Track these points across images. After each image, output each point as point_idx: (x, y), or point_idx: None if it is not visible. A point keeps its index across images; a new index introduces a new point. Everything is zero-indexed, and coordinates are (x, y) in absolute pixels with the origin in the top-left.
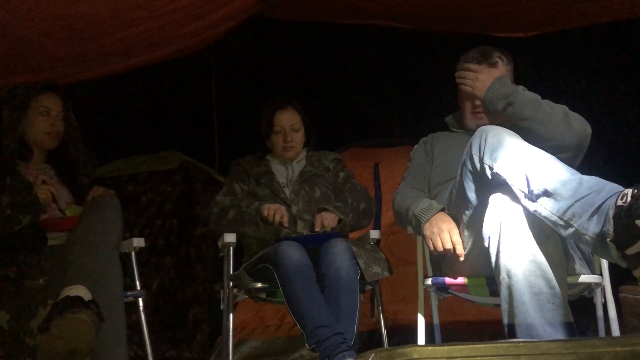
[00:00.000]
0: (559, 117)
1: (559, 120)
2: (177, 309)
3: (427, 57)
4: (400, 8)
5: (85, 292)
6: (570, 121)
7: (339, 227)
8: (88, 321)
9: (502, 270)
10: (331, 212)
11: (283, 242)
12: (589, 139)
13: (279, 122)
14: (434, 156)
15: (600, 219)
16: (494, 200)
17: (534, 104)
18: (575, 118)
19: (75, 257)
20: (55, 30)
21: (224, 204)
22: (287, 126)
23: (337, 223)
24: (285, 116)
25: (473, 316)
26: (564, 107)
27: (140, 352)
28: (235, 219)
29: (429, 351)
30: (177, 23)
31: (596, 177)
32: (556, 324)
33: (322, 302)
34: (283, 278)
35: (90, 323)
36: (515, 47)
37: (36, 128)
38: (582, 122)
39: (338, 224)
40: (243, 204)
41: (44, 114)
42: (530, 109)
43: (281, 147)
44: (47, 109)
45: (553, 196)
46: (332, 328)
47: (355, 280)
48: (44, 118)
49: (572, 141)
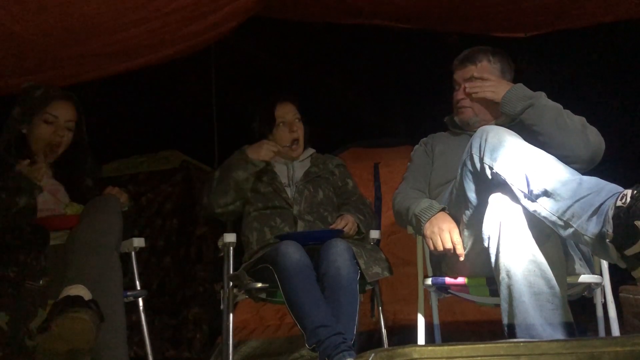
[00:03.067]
0: (578, 128)
1: (577, 131)
2: (177, 309)
3: (427, 57)
4: (400, 8)
5: (86, 292)
6: (587, 133)
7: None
8: (88, 321)
9: (502, 270)
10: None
11: (283, 242)
12: (602, 154)
13: (281, 114)
14: (434, 157)
15: (600, 220)
16: (494, 200)
17: (556, 111)
18: (593, 132)
19: (76, 257)
20: (57, 31)
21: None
22: (290, 116)
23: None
24: (287, 108)
25: (473, 316)
26: (583, 119)
27: (140, 352)
28: (222, 174)
29: (429, 351)
30: (177, 24)
31: (596, 177)
32: (556, 324)
33: (322, 302)
34: (283, 278)
35: (91, 322)
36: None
37: (38, 135)
38: (599, 137)
39: (356, 235)
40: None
41: (49, 122)
42: (551, 115)
43: (288, 138)
44: (54, 117)
45: (553, 196)
46: (332, 328)
47: (355, 280)
48: (48, 126)
49: (586, 154)
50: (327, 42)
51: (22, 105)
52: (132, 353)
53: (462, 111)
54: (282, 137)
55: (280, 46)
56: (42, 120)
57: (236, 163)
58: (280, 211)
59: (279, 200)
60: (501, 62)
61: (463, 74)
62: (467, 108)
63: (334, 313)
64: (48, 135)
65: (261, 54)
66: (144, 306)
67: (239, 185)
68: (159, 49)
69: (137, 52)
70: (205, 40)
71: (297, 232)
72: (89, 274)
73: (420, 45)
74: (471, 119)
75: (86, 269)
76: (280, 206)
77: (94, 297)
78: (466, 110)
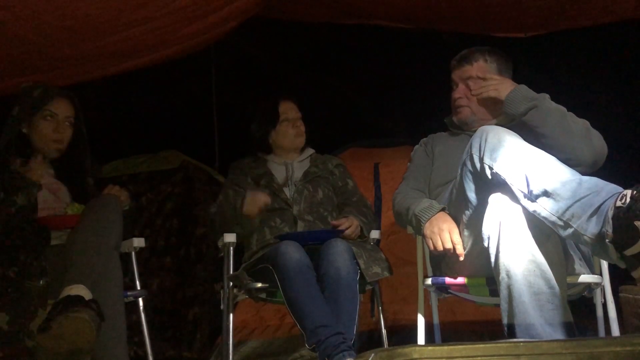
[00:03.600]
0: (581, 132)
1: (581, 135)
2: (177, 309)
3: (427, 57)
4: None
5: (86, 292)
6: (591, 137)
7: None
8: (89, 320)
9: (502, 270)
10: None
11: (283, 242)
12: (604, 158)
13: (285, 111)
14: (434, 157)
15: (600, 220)
16: (494, 200)
17: (560, 113)
18: (596, 135)
19: (76, 257)
20: (57, 31)
21: (212, 210)
22: (293, 113)
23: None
24: (290, 106)
25: (473, 316)
26: (586, 123)
27: (140, 352)
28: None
29: (429, 351)
30: (177, 24)
31: (596, 177)
32: (556, 324)
33: (322, 302)
34: (283, 278)
35: (91, 322)
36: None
37: (40, 132)
38: (602, 141)
39: (358, 238)
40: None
41: (49, 119)
42: (555, 117)
43: (293, 133)
44: (54, 114)
45: (552, 196)
46: (332, 328)
47: (355, 281)
48: (49, 123)
49: (589, 158)
50: (327, 42)
51: (22, 104)
52: (132, 353)
53: (459, 111)
54: (285, 133)
55: (280, 46)
56: (42, 117)
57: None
58: (280, 212)
59: (278, 202)
60: (498, 62)
61: (460, 74)
62: (464, 107)
63: (333, 313)
64: (50, 132)
65: (261, 54)
66: (144, 306)
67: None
68: (159, 48)
69: (137, 52)
70: (205, 40)
71: (297, 232)
72: (89, 274)
73: (420, 45)
74: (469, 118)
75: (87, 269)
76: (280, 207)
77: (95, 297)
78: (464, 110)
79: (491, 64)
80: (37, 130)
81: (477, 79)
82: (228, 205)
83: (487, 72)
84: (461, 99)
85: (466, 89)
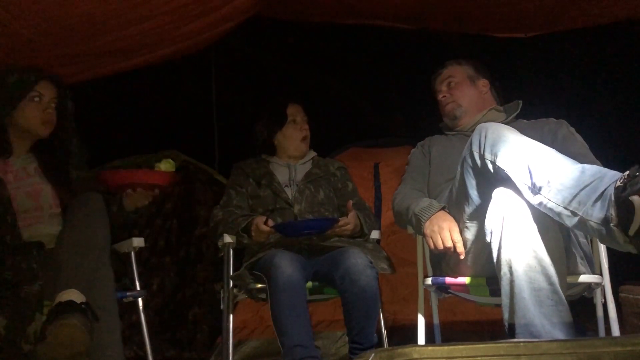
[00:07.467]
0: None
1: None
2: (177, 309)
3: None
4: (400, 8)
5: (77, 295)
6: None
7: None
8: (79, 325)
9: (504, 265)
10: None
11: (278, 253)
12: None
13: (293, 113)
14: (431, 158)
15: (604, 204)
16: (497, 195)
17: None
18: None
19: (65, 259)
20: (55, 30)
21: (217, 217)
22: (300, 116)
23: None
24: (297, 108)
25: (473, 316)
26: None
27: (140, 352)
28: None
29: (429, 351)
30: (176, 23)
31: (597, 165)
32: (555, 321)
33: (305, 321)
34: (272, 292)
35: (82, 326)
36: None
37: (28, 115)
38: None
39: (359, 235)
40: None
41: (36, 100)
42: None
43: (299, 136)
44: (40, 95)
45: (557, 186)
46: (309, 350)
47: (377, 295)
48: (36, 105)
49: None
50: (327, 42)
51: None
52: (132, 353)
53: (446, 108)
54: (292, 134)
55: (280, 46)
56: (29, 100)
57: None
58: (281, 211)
59: (279, 202)
60: (474, 65)
61: (439, 81)
62: (449, 103)
63: (361, 326)
64: (38, 113)
65: (261, 54)
66: (143, 306)
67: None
68: (158, 47)
69: (136, 50)
70: (204, 40)
71: (291, 222)
72: (80, 275)
73: (420, 45)
74: (456, 109)
75: (76, 271)
76: (281, 207)
77: (88, 298)
78: (449, 104)
79: (465, 65)
80: (26, 113)
81: (453, 78)
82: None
83: (461, 73)
84: (445, 97)
85: (447, 89)
